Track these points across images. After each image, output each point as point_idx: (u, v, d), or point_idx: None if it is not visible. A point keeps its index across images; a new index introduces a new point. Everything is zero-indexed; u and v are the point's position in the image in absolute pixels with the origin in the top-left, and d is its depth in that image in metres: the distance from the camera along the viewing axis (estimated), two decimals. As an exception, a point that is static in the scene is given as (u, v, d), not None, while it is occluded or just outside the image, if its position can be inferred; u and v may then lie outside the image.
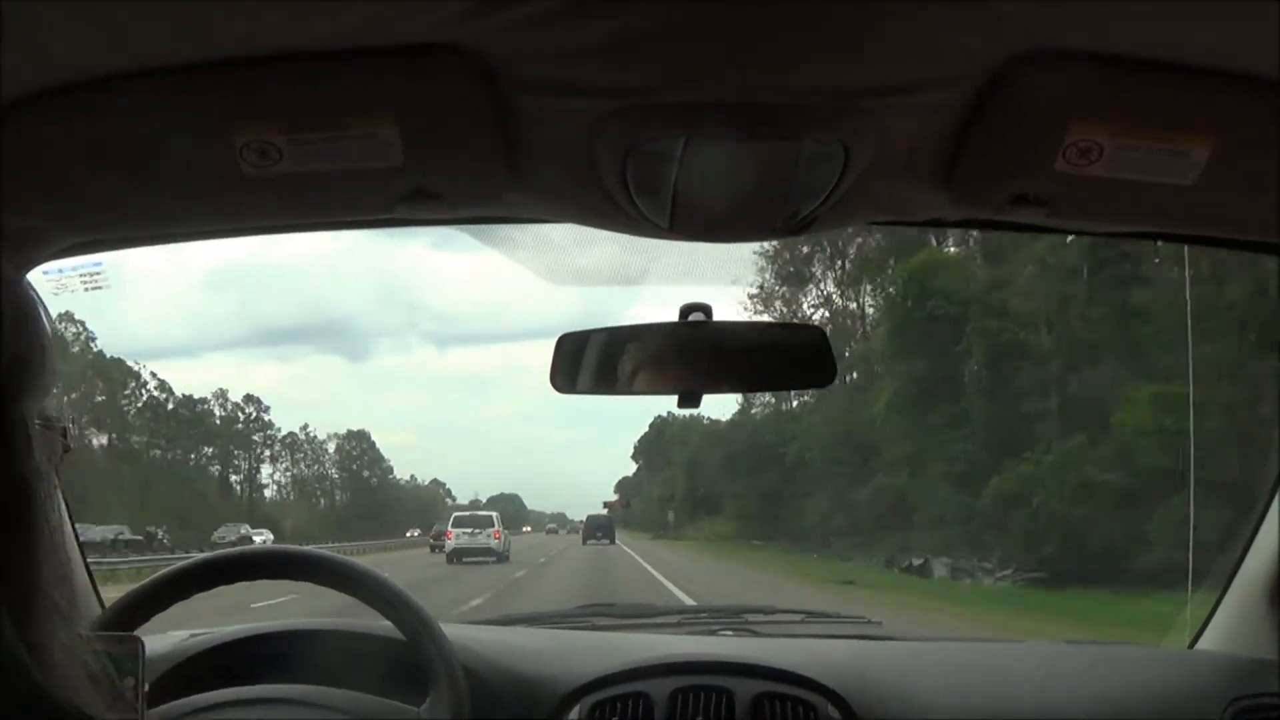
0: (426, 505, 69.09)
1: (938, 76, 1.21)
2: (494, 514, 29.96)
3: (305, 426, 68.84)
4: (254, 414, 64.28)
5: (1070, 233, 1.67)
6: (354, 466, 71.61)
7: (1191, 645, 2.14)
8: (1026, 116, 1.26)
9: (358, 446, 72.14)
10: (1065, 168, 1.31)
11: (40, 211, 1.41)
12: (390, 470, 73.58)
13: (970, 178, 1.39)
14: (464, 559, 24.79)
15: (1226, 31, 1.13)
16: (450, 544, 26.39)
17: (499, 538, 26.49)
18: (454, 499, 74.41)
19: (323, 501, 69.16)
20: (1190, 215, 1.47)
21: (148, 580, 1.66)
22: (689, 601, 11.13)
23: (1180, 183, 1.33)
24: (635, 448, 71.27)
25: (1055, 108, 1.25)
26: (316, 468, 70.13)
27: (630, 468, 75.66)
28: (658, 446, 64.31)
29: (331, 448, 71.21)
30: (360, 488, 69.83)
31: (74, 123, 1.26)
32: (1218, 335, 17.20)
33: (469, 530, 26.51)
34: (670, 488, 60.50)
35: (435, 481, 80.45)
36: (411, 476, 76.55)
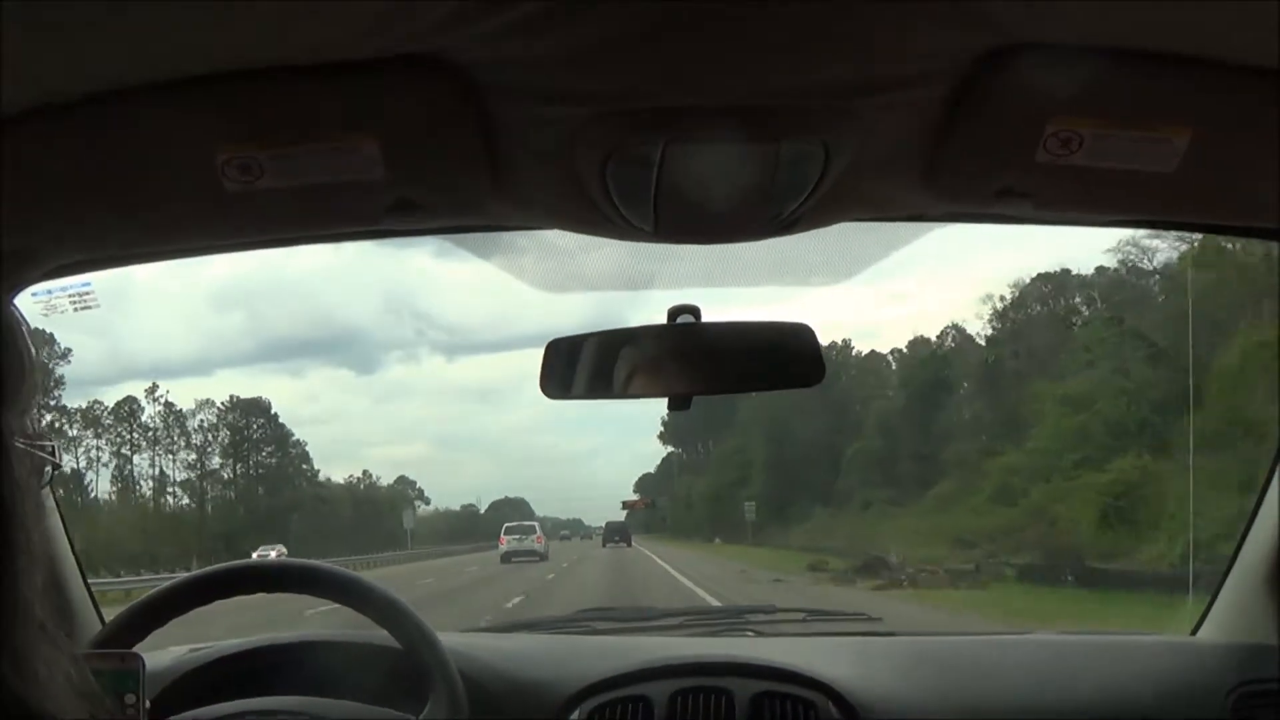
0: (379, 513, 50.21)
1: (916, 73, 1.21)
2: (535, 524, 36.73)
3: (154, 389, 46.90)
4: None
5: (1057, 224, 1.68)
6: (246, 452, 48.78)
7: (1194, 633, 2.13)
8: (1006, 110, 1.26)
9: (251, 422, 48.85)
10: (1047, 159, 1.31)
11: (27, 233, 1.41)
12: (304, 456, 50.16)
13: (953, 173, 1.39)
14: (513, 559, 30.60)
15: (1203, 19, 1.13)
16: (503, 548, 32.39)
17: (541, 542, 33.16)
18: (428, 503, 58.75)
19: (185, 503, 46.94)
20: (1173, 202, 1.47)
21: (147, 595, 1.67)
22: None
23: (1162, 170, 1.33)
24: (664, 425, 53.07)
25: (1034, 100, 1.25)
26: (183, 454, 47.09)
27: (652, 463, 61.80)
28: (708, 413, 44.32)
29: (199, 421, 47.84)
30: (260, 484, 48.63)
31: (56, 143, 1.26)
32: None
33: (517, 537, 33.17)
34: (739, 466, 40.06)
35: (402, 480, 58.95)
36: (365, 473, 56.85)
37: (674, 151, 1.28)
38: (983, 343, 33.39)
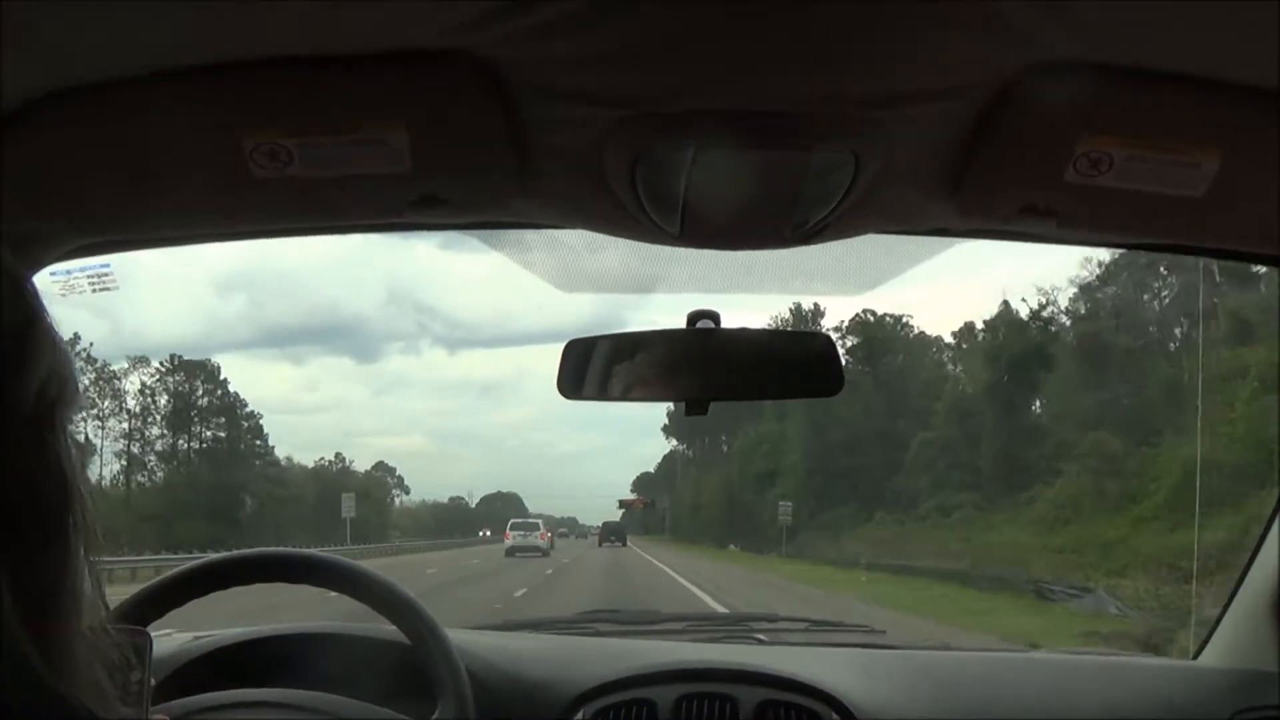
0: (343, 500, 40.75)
1: (948, 87, 1.21)
2: (539, 521, 38.52)
3: (75, 340, 32.61)
4: None
5: (1078, 244, 1.68)
6: (189, 422, 40.97)
7: (1195, 657, 2.13)
8: (1037, 127, 1.26)
9: (196, 387, 41.28)
10: (1075, 178, 1.31)
11: (49, 214, 1.42)
12: (257, 430, 42.61)
13: (979, 188, 1.39)
14: (517, 553, 32.24)
15: (1237, 43, 1.14)
16: (508, 543, 34.18)
17: (545, 539, 34.93)
18: (407, 492, 54.53)
19: (111, 478, 39.45)
20: (1199, 227, 1.47)
21: (155, 580, 1.66)
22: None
23: (1189, 194, 1.33)
24: (669, 417, 47.87)
25: (1065, 118, 1.25)
26: (112, 421, 39.71)
27: (651, 463, 58.80)
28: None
29: (135, 384, 40.40)
30: (203, 461, 40.97)
31: (84, 125, 1.26)
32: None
33: (522, 533, 34.89)
34: (767, 458, 32.89)
35: (381, 466, 52.93)
36: (338, 456, 50.72)
37: (704, 156, 1.28)
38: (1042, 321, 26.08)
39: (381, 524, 47.34)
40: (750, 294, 1.85)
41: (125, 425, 41.26)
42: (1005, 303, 28.73)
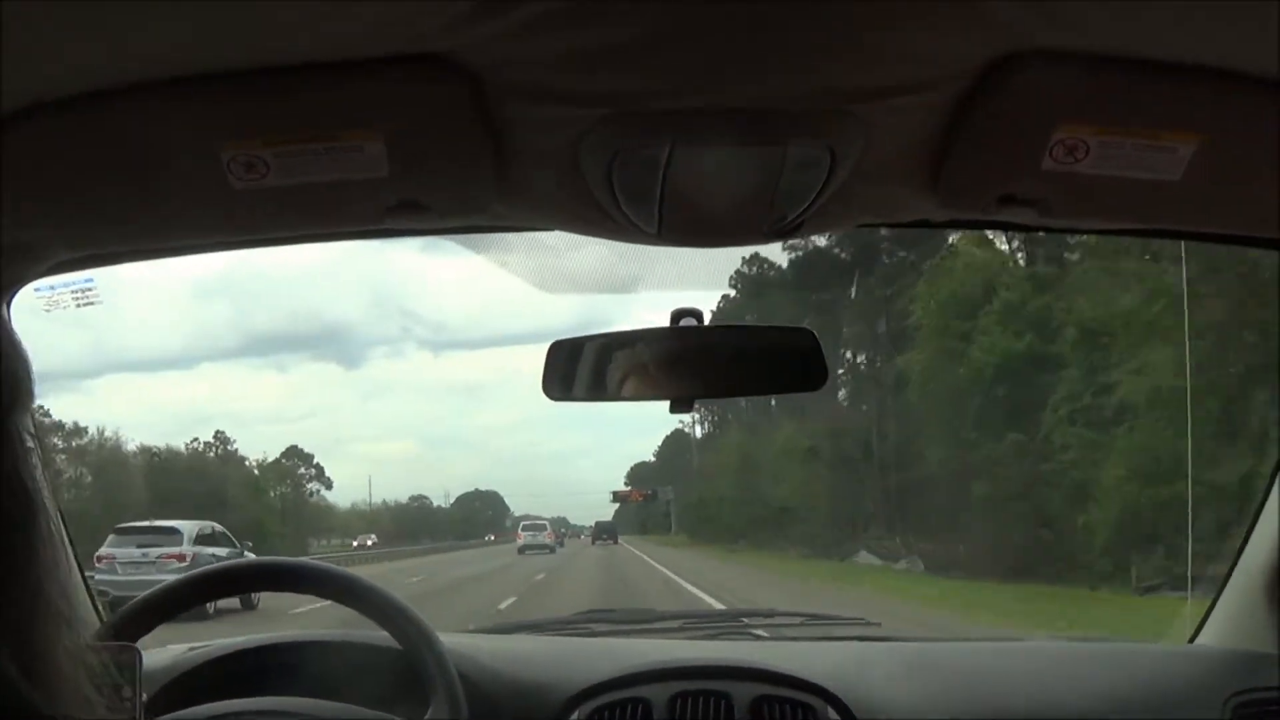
0: (224, 500, 31.61)
1: (922, 79, 1.21)
2: (547, 521, 41.51)
3: None
4: None
5: (1059, 231, 1.68)
6: None
7: (1191, 640, 2.14)
8: (1012, 117, 1.26)
9: None
10: (1052, 166, 1.31)
11: (30, 228, 1.42)
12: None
13: (958, 179, 1.39)
14: (527, 551, 35.28)
15: (1210, 28, 1.14)
16: (520, 542, 37.01)
17: (551, 538, 37.84)
18: (329, 487, 44.27)
19: None
20: (1178, 211, 1.47)
21: (148, 591, 1.67)
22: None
23: (1167, 178, 1.33)
24: None
25: (1041, 107, 1.25)
26: None
27: (647, 453, 54.23)
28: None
29: None
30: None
31: (62, 138, 1.26)
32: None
33: (532, 533, 37.95)
34: (1023, 321, 16.96)
35: (293, 453, 41.70)
36: (218, 435, 39.91)
37: (680, 154, 1.28)
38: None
39: (297, 531, 37.28)
40: (731, 289, 1.86)
41: None
42: None
